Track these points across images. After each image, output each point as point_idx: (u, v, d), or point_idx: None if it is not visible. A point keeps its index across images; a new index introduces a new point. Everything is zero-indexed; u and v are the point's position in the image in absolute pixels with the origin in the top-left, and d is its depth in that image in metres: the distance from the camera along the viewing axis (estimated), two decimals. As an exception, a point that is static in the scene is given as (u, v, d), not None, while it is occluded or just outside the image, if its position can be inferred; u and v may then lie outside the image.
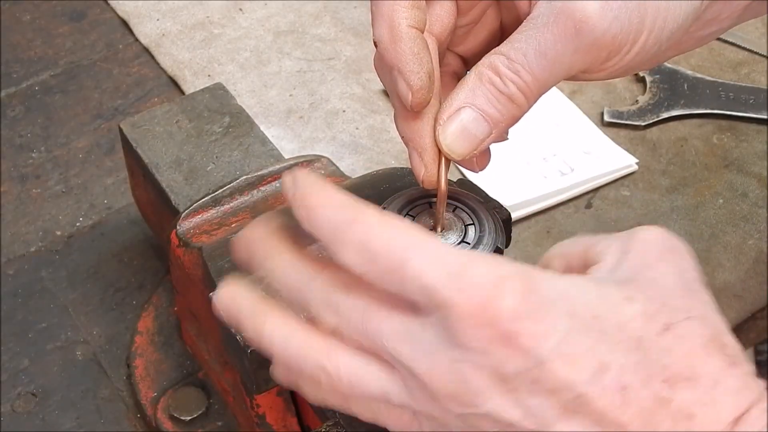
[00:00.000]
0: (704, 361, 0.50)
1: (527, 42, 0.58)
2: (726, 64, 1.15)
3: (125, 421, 0.87)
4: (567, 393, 0.49)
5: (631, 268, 0.53)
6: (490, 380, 0.49)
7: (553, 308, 0.49)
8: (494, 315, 0.48)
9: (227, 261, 0.72)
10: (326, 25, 1.20)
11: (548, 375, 0.49)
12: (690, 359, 0.50)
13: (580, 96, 1.11)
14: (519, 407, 0.50)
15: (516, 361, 0.49)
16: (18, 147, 1.09)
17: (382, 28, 0.59)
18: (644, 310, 0.51)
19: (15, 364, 0.91)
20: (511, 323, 0.48)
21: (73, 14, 1.23)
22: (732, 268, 0.95)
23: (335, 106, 1.11)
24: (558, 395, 0.49)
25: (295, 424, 0.78)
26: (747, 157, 1.05)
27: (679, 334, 0.50)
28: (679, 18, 0.60)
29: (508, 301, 0.49)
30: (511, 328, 0.48)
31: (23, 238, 1.00)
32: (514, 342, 0.48)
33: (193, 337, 0.85)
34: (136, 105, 1.13)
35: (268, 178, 0.81)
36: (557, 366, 0.49)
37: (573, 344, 0.49)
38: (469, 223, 0.64)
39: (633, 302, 0.51)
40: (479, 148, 0.60)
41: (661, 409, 0.49)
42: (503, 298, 0.49)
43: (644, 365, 0.49)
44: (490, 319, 0.48)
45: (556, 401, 0.49)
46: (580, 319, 0.50)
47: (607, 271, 0.54)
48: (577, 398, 0.49)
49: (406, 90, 0.59)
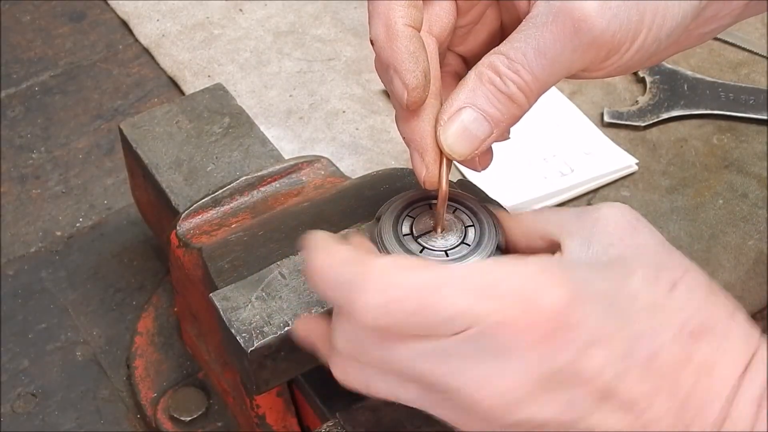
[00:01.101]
0: (712, 312, 0.52)
1: (527, 41, 0.58)
2: (726, 64, 1.15)
3: (125, 421, 0.87)
4: (602, 378, 0.50)
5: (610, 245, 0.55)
6: (532, 382, 0.50)
7: (583, 297, 0.50)
8: (539, 315, 0.49)
9: (227, 261, 0.72)
10: (326, 26, 1.20)
11: (585, 364, 0.50)
12: (701, 313, 0.52)
13: (580, 96, 1.11)
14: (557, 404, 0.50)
15: (559, 356, 0.49)
16: (18, 147, 1.09)
17: (378, 26, 0.59)
18: (646, 276, 0.53)
19: (15, 364, 0.91)
20: (555, 319, 0.49)
21: (73, 15, 1.23)
22: (732, 268, 0.95)
23: (335, 107, 1.11)
24: (595, 382, 0.50)
25: (295, 424, 0.78)
26: (747, 157, 1.05)
27: (685, 288, 0.53)
28: (678, 16, 0.60)
29: (548, 298, 0.50)
30: (555, 324, 0.49)
31: (23, 239, 1.00)
32: (558, 337, 0.49)
33: (193, 338, 0.85)
34: (136, 105, 1.13)
35: (268, 178, 0.81)
36: (593, 352, 0.50)
37: (605, 327, 0.50)
38: (469, 224, 0.63)
39: (633, 273, 0.53)
40: (480, 148, 0.60)
41: (686, 367, 0.51)
42: (542, 296, 0.50)
43: (665, 328, 0.51)
44: (535, 319, 0.49)
45: (592, 389, 0.50)
46: (602, 301, 0.51)
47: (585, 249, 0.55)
48: (613, 379, 0.50)
49: (402, 88, 0.59)
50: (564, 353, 0.49)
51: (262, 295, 0.67)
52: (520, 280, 0.50)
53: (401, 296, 0.50)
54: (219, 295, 0.67)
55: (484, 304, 0.49)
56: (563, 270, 0.52)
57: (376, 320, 0.51)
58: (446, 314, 0.50)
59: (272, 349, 0.65)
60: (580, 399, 0.50)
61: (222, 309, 0.66)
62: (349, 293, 0.51)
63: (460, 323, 0.50)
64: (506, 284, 0.50)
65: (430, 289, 0.50)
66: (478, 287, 0.50)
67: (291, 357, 0.66)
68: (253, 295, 0.67)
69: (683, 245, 0.97)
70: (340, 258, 0.53)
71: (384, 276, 0.51)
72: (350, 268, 0.52)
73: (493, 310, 0.49)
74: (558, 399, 0.50)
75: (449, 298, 0.50)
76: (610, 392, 0.50)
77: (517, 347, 0.49)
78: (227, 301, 0.66)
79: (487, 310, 0.49)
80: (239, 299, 0.66)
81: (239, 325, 0.65)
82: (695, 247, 0.97)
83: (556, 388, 0.50)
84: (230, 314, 0.66)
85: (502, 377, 0.50)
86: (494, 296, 0.49)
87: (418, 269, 0.51)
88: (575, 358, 0.49)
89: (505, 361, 0.50)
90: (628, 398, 0.50)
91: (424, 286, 0.50)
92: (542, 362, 0.49)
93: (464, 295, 0.50)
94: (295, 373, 0.69)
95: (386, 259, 0.53)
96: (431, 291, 0.50)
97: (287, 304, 0.66)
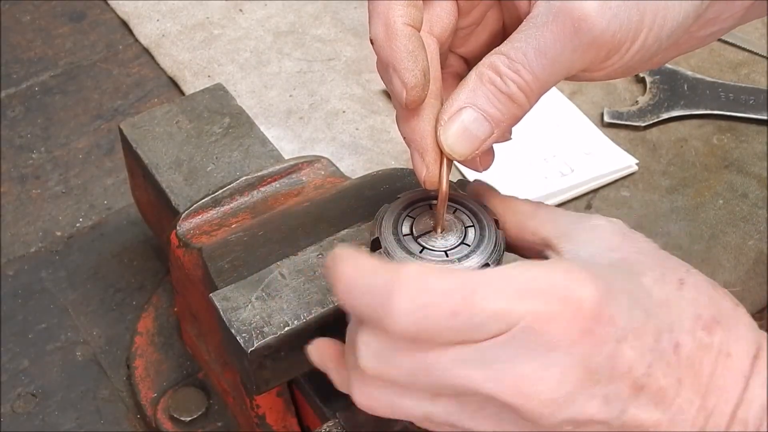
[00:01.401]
0: (720, 304, 0.54)
1: (527, 41, 0.58)
2: (726, 64, 1.15)
3: (125, 421, 0.87)
4: (636, 371, 0.51)
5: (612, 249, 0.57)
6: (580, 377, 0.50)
7: (610, 292, 0.51)
8: (579, 308, 0.50)
9: (227, 261, 0.72)
10: (326, 26, 1.20)
11: (620, 357, 0.51)
12: (712, 304, 0.54)
13: (580, 97, 1.11)
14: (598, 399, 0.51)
15: (600, 348, 0.50)
16: (18, 147, 1.09)
17: (378, 26, 0.59)
18: (654, 275, 0.54)
19: (15, 364, 0.91)
20: (594, 311, 0.50)
21: (73, 15, 1.23)
22: (732, 268, 0.95)
23: (335, 107, 1.11)
24: (630, 375, 0.51)
25: (295, 424, 0.78)
26: (747, 157, 1.05)
27: (692, 284, 0.55)
28: (678, 16, 0.60)
29: (585, 292, 0.50)
30: (595, 315, 0.50)
31: (23, 239, 1.00)
32: (599, 329, 0.50)
33: (192, 338, 0.85)
34: (136, 105, 1.13)
35: (268, 178, 0.81)
36: (626, 346, 0.51)
37: (633, 321, 0.51)
38: (469, 224, 0.63)
39: (642, 272, 0.55)
40: (481, 148, 0.60)
41: (706, 355, 0.53)
42: (579, 291, 0.50)
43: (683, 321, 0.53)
44: (576, 312, 0.50)
45: (629, 382, 0.51)
46: (627, 296, 0.52)
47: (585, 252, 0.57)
48: (645, 373, 0.51)
49: (401, 87, 0.59)
50: (603, 347, 0.50)
51: (262, 295, 0.67)
52: (555, 278, 0.51)
53: (437, 300, 0.49)
54: (219, 295, 0.67)
55: (524, 303, 0.49)
56: (588, 268, 0.52)
57: (412, 326, 0.49)
58: (484, 315, 0.49)
59: (272, 349, 0.65)
60: (616, 394, 0.51)
61: (222, 309, 0.66)
62: (381, 299, 0.50)
63: (499, 325, 0.49)
64: (542, 282, 0.50)
65: (467, 290, 0.49)
66: (514, 287, 0.50)
67: (291, 357, 0.66)
68: (253, 295, 0.67)
69: (683, 245, 0.97)
70: (370, 266, 0.51)
71: (418, 280, 0.50)
72: (381, 275, 0.50)
73: (534, 307, 0.49)
74: (598, 395, 0.51)
75: (487, 299, 0.49)
76: (642, 385, 0.51)
77: (561, 343, 0.50)
78: (227, 301, 0.66)
79: (528, 309, 0.49)
80: (239, 299, 0.66)
81: (239, 325, 0.65)
82: (695, 247, 0.97)
83: (596, 383, 0.51)
84: (230, 314, 0.66)
85: (547, 376, 0.50)
86: (533, 294, 0.50)
87: (451, 273, 0.51)
88: (612, 352, 0.50)
89: (548, 358, 0.50)
90: (657, 390, 0.51)
91: (460, 288, 0.50)
92: (584, 357, 0.50)
93: (501, 296, 0.49)
94: (295, 373, 0.69)
95: (416, 265, 0.52)
96: (468, 293, 0.49)
97: (287, 304, 0.66)
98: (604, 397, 0.51)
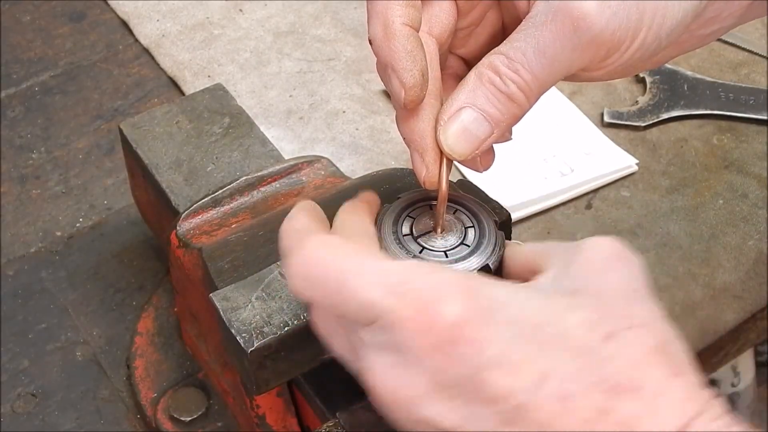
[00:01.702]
0: (646, 371, 0.49)
1: (526, 41, 0.58)
2: (726, 64, 1.15)
3: (125, 421, 0.87)
4: (506, 403, 0.48)
5: (576, 277, 0.53)
6: (429, 386, 0.50)
7: (494, 316, 0.49)
8: (434, 321, 0.49)
9: (227, 261, 0.72)
10: (326, 26, 1.20)
11: (488, 384, 0.48)
12: (632, 369, 0.49)
13: (580, 97, 1.11)
14: (458, 415, 0.49)
15: (456, 369, 0.49)
16: (18, 147, 1.09)
17: (376, 26, 0.59)
18: (587, 318, 0.50)
19: (15, 364, 0.91)
20: (450, 330, 0.49)
21: (73, 15, 1.23)
22: (732, 268, 0.95)
23: (335, 107, 1.11)
24: (497, 405, 0.48)
25: (295, 424, 0.78)
26: (747, 157, 1.05)
27: (621, 342, 0.49)
28: (678, 14, 0.60)
29: (449, 307, 0.49)
30: (451, 335, 0.49)
31: (23, 239, 1.00)
32: (453, 349, 0.49)
33: (192, 338, 0.85)
34: (136, 106, 1.13)
35: (268, 178, 0.81)
36: (497, 375, 0.48)
37: (513, 353, 0.49)
38: (469, 225, 0.63)
39: (576, 310, 0.50)
40: (481, 149, 0.60)
41: (602, 420, 0.48)
42: (443, 304, 0.49)
43: (586, 374, 0.48)
44: (430, 324, 0.49)
45: (495, 411, 0.49)
46: (522, 327, 0.49)
47: (552, 279, 0.54)
48: (517, 408, 0.48)
49: (399, 88, 0.59)
50: (460, 367, 0.49)
51: (262, 295, 0.67)
52: (428, 284, 0.50)
53: (322, 274, 0.52)
54: (219, 295, 0.67)
55: (388, 300, 0.50)
56: (485, 289, 0.50)
57: (301, 289, 0.54)
58: (354, 303, 0.51)
59: (272, 349, 0.65)
60: (484, 417, 0.49)
61: (222, 309, 0.66)
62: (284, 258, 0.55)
63: (367, 314, 0.51)
64: (412, 285, 0.50)
65: (352, 273, 0.51)
66: (390, 283, 0.50)
67: (291, 357, 0.66)
68: (253, 295, 0.67)
69: (683, 245, 0.97)
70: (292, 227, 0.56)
71: (314, 251, 0.53)
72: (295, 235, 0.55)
73: (394, 306, 0.50)
74: (460, 410, 0.49)
75: (365, 287, 0.51)
76: (519, 418, 0.48)
77: (411, 348, 0.49)
78: (227, 302, 0.66)
79: (390, 306, 0.50)
80: (239, 299, 0.66)
81: (239, 325, 0.65)
82: (695, 247, 0.97)
83: (455, 397, 0.49)
84: (230, 314, 0.66)
85: (400, 373, 0.50)
86: (398, 294, 0.50)
87: (350, 254, 0.53)
88: (474, 374, 0.48)
89: (402, 357, 0.50)
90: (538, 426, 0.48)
91: (348, 270, 0.52)
92: (437, 369, 0.49)
93: (377, 288, 0.50)
94: (295, 373, 0.69)
95: (326, 237, 0.55)
96: (352, 276, 0.51)
97: (287, 304, 0.66)
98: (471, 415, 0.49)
